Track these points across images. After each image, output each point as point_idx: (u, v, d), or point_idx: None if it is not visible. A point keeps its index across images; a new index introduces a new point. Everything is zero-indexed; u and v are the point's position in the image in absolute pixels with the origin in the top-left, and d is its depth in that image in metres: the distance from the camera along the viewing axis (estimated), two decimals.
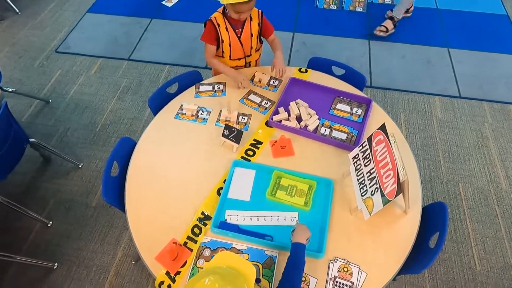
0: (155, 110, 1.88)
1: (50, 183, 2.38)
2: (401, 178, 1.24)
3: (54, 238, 2.15)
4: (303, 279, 1.33)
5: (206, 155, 1.70)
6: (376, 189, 1.36)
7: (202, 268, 1.36)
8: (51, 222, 2.20)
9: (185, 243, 1.42)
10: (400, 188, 1.24)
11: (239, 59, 2.03)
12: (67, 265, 2.04)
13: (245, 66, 2.09)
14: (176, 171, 1.64)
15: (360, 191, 1.45)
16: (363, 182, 1.45)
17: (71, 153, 2.51)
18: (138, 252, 1.41)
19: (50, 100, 2.86)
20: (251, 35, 1.93)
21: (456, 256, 2.07)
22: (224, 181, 1.57)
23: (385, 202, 1.30)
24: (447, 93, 2.93)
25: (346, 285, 1.31)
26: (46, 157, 2.49)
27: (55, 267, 2.03)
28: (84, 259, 2.07)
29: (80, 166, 2.46)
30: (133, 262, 2.05)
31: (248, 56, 2.04)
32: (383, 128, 1.39)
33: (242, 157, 1.67)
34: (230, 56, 1.99)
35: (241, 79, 1.92)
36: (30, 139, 2.16)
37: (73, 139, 2.61)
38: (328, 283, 1.32)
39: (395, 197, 1.26)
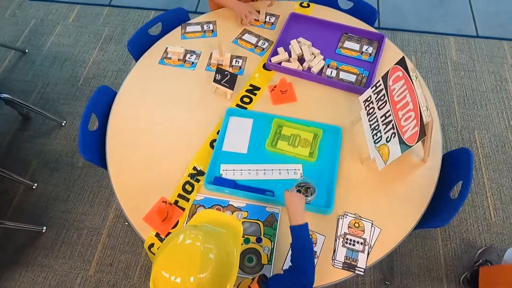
0: (137, 55, 1.65)
1: (32, 143, 2.20)
2: (424, 119, 1.05)
3: (40, 201, 2.01)
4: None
5: (196, 104, 1.49)
6: (393, 135, 1.18)
7: None
8: (35, 185, 2.05)
9: (176, 202, 1.26)
10: (424, 131, 1.05)
11: None
12: (56, 228, 1.92)
13: None
14: (163, 123, 1.45)
15: (373, 138, 1.27)
16: (376, 127, 1.26)
17: (52, 111, 2.30)
18: (123, 213, 1.26)
19: (27, 50, 2.59)
20: None
21: (470, 206, 1.95)
22: (218, 132, 1.38)
23: (404, 148, 1.12)
24: (463, 32, 2.65)
25: (358, 242, 1.17)
26: (25, 115, 2.28)
27: (43, 231, 1.91)
28: (74, 221, 1.94)
29: (63, 124, 2.27)
30: (126, 223, 1.92)
31: None
32: (402, 62, 1.17)
33: (237, 105, 1.47)
34: None
35: (246, 12, 1.66)
36: (2, 95, 1.94)
37: (54, 95, 2.39)
38: (338, 240, 1.18)
39: (416, 142, 1.08)
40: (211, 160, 1.31)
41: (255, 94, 1.50)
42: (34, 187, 2.04)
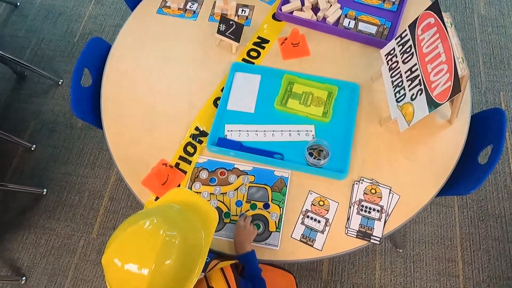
0: (133, 4, 1.49)
1: (28, 104, 2.10)
2: (459, 72, 0.91)
3: (39, 163, 1.94)
4: (321, 203, 1.09)
5: (198, 58, 1.35)
6: (419, 92, 1.04)
7: (200, 193, 1.13)
8: (34, 146, 1.97)
9: (177, 165, 1.17)
10: (458, 86, 0.92)
11: None
12: (57, 191, 1.87)
13: None
14: (162, 79, 1.32)
15: (395, 96, 1.13)
16: (399, 84, 1.12)
17: (48, 68, 2.18)
18: (121, 176, 1.17)
19: (19, 3, 2.42)
20: None
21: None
22: (222, 90, 1.26)
23: (433, 107, 0.99)
24: None
25: (374, 209, 1.08)
26: (19, 73, 2.16)
27: (44, 193, 1.86)
28: (75, 184, 1.88)
29: (60, 82, 2.15)
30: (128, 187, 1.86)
31: None
32: (435, 7, 1.01)
33: (243, 60, 1.33)
34: None
35: None
36: None
37: (49, 52, 2.25)
38: (352, 207, 1.08)
39: (448, 99, 0.94)
40: (214, 120, 1.20)
41: (263, 48, 1.35)
42: (32, 149, 1.97)
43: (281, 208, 1.09)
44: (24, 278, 1.69)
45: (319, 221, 1.07)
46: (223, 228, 1.08)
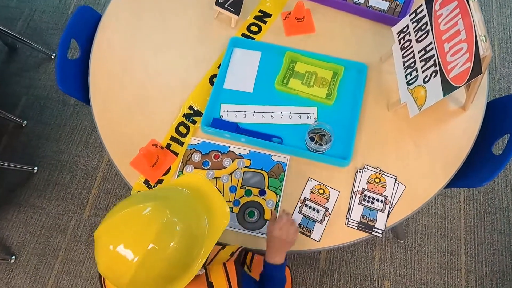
0: None
1: (19, 77, 2.01)
2: (481, 52, 0.82)
3: (31, 140, 1.87)
4: (321, 191, 1.02)
5: (195, 31, 1.26)
6: (434, 73, 0.95)
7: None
8: (25, 122, 1.90)
9: (168, 146, 1.09)
10: (479, 68, 0.82)
11: None
12: (48, 169, 1.81)
13: None
14: (155, 54, 1.23)
15: (406, 79, 1.04)
16: (412, 65, 1.03)
17: (40, 41, 2.08)
18: (109, 156, 1.10)
19: None
20: None
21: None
22: (219, 67, 1.17)
23: (448, 90, 0.90)
24: None
25: (377, 200, 1.00)
26: (11, 45, 2.07)
27: (35, 171, 1.80)
28: (67, 162, 1.82)
29: (52, 56, 2.05)
30: None
31: None
32: None
33: (243, 34, 1.23)
34: None
35: None
36: None
37: (42, 24, 2.15)
38: (354, 196, 1.01)
39: (466, 81, 0.85)
40: (210, 99, 1.11)
41: (265, 22, 1.25)
42: (23, 125, 1.90)
43: (278, 196, 1.02)
44: (13, 257, 1.65)
45: (318, 211, 1.00)
46: None
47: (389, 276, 1.56)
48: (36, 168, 1.80)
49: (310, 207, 1.01)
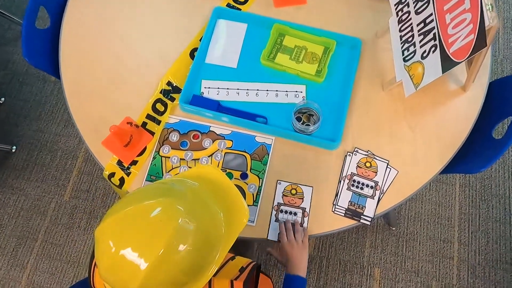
0: None
1: None
2: (486, 22, 0.73)
3: (9, 118, 1.78)
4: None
5: (175, 1, 1.15)
6: (433, 48, 0.86)
7: (168, 158, 0.98)
8: (3, 99, 1.81)
9: (144, 124, 1.01)
10: (484, 40, 0.74)
11: None
12: (27, 149, 1.73)
13: None
14: (132, 24, 1.13)
15: (403, 54, 0.96)
16: (409, 39, 0.94)
17: (19, 13, 1.95)
18: (79, 135, 1.02)
19: None
20: None
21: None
22: (201, 40, 1.07)
23: (448, 66, 0.82)
24: None
25: (367, 186, 0.94)
26: None
27: (13, 151, 1.72)
28: (47, 142, 1.74)
29: None
30: None
31: None
32: None
33: (228, 5, 1.13)
34: None
35: None
36: None
37: None
38: (342, 181, 0.94)
39: (468, 56, 0.77)
40: (189, 74, 1.02)
41: None
42: (1, 102, 1.80)
43: (261, 179, 0.95)
44: None
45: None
46: None
47: (379, 263, 1.51)
48: (14, 147, 1.72)
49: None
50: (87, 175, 1.67)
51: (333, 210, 0.92)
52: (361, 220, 0.91)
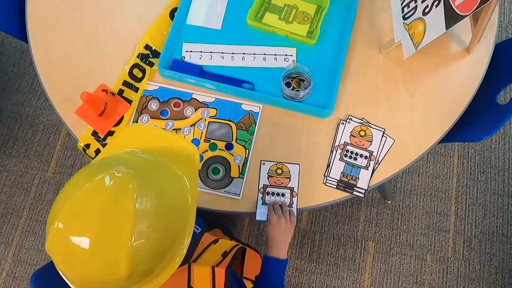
0: None
1: None
2: None
3: None
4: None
5: None
6: (436, 2, 0.77)
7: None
8: None
9: (121, 92, 0.93)
10: None
11: None
12: (7, 123, 1.65)
13: None
14: None
15: (403, 12, 0.87)
16: None
17: None
18: (50, 103, 0.94)
19: None
20: None
21: None
22: None
23: (452, 21, 0.74)
24: None
25: (361, 156, 0.87)
26: None
27: None
28: (28, 116, 1.65)
29: None
30: None
31: None
32: None
33: None
34: None
35: None
36: None
37: None
38: (334, 151, 0.88)
39: (476, 8, 0.68)
40: (169, 37, 0.93)
41: None
42: None
43: (247, 150, 0.88)
44: None
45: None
46: None
47: (373, 237, 1.48)
48: None
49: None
50: (71, 149, 1.61)
51: (324, 182, 0.86)
52: (354, 192, 0.85)
